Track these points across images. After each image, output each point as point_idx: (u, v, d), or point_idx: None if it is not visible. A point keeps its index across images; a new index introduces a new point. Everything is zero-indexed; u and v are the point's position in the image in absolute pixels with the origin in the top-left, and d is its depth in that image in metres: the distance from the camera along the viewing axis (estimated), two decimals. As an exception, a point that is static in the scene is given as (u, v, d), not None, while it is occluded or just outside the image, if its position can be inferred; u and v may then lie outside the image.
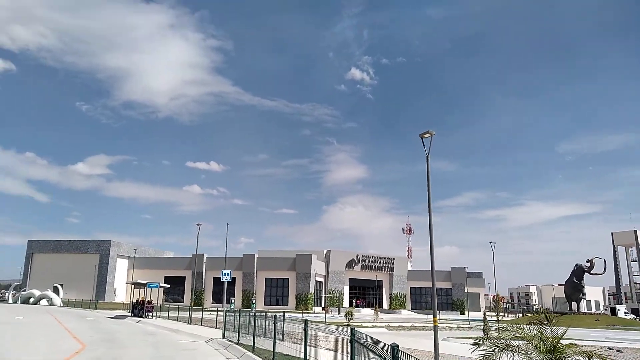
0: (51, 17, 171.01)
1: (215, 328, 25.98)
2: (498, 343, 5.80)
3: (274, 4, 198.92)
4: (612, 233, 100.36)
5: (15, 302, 68.45)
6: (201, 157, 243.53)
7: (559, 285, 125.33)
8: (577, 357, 5.54)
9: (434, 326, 12.65)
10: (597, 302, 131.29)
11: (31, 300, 66.32)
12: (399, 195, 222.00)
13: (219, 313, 28.10)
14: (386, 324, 40.76)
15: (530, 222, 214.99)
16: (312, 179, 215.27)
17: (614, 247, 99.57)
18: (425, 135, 14.19)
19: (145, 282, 40.60)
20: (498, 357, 5.59)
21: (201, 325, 29.01)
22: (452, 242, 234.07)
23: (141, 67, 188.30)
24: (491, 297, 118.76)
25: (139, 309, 37.12)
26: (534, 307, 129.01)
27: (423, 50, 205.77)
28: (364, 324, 39.23)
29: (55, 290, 69.62)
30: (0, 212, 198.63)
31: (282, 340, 16.39)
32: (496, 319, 36.87)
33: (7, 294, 76.00)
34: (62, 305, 63.36)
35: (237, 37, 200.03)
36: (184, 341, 20.00)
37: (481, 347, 6.11)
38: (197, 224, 43.44)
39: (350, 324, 38.17)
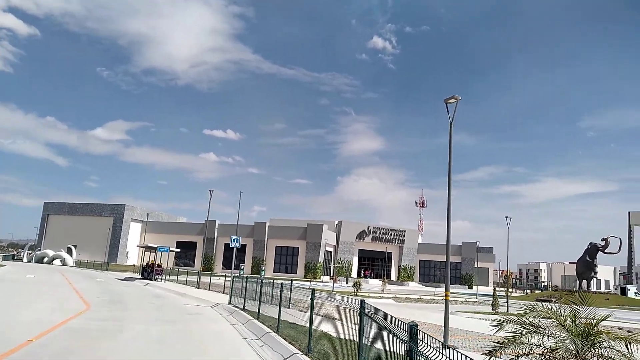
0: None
1: (223, 293, 25.94)
2: (524, 324, 5.22)
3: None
4: (629, 212, 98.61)
5: (29, 261, 69.82)
6: (218, 125, 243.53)
7: (570, 263, 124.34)
8: (612, 343, 4.96)
9: (445, 301, 12.16)
10: (607, 282, 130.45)
11: (45, 259, 67.58)
12: (415, 168, 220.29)
13: (227, 278, 28.06)
14: (393, 295, 40.67)
15: (546, 198, 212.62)
16: (328, 149, 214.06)
17: (629, 227, 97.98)
18: (450, 101, 13.27)
19: (155, 245, 40.81)
20: (526, 340, 5.01)
21: (209, 290, 29.05)
22: (464, 217, 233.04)
23: (162, 34, 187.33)
24: (500, 272, 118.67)
25: (149, 271, 37.38)
26: (543, 284, 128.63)
27: (448, 19, 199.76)
28: (371, 295, 39.14)
29: (69, 251, 70.83)
30: (20, 175, 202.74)
31: (289, 307, 16.12)
32: (505, 295, 36.47)
33: (22, 253, 77.62)
34: (74, 265, 64.49)
35: (258, 3, 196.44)
36: (189, 305, 19.89)
37: (504, 329, 5.53)
38: (210, 190, 43.20)
39: (357, 294, 38.08)
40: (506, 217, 38.64)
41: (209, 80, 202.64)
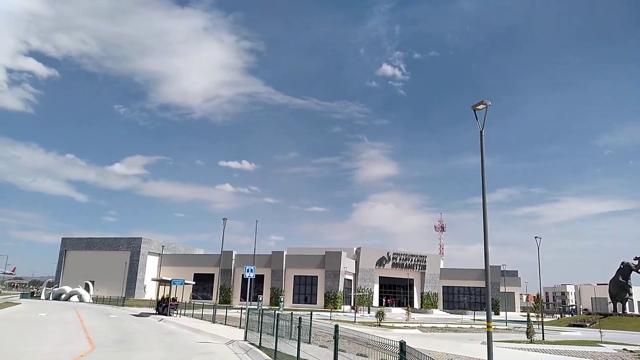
0: (91, 24, 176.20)
1: (239, 328, 24.59)
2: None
3: (306, 3, 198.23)
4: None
5: (47, 298, 69.22)
6: (234, 156, 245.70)
7: (599, 284, 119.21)
8: None
9: (488, 332, 10.69)
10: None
11: (62, 296, 66.88)
12: (430, 192, 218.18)
13: (244, 311, 26.71)
14: (419, 325, 38.67)
15: (566, 218, 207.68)
16: (342, 176, 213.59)
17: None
18: (478, 107, 12.09)
19: (170, 279, 39.68)
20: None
21: (225, 324, 27.72)
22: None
23: (177, 70, 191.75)
24: (526, 296, 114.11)
25: (164, 306, 36.21)
26: (572, 307, 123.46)
27: (456, 44, 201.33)
28: (395, 325, 37.28)
29: (86, 287, 70.10)
30: (40, 212, 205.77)
31: (309, 343, 14.73)
32: (539, 321, 34.32)
33: (41, 290, 77.16)
34: (91, 301, 63.60)
35: (269, 37, 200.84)
36: (202, 342, 18.56)
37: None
38: (223, 219, 42.03)
39: (381, 324, 36.29)
40: (535, 237, 36.85)
41: (223, 113, 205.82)
